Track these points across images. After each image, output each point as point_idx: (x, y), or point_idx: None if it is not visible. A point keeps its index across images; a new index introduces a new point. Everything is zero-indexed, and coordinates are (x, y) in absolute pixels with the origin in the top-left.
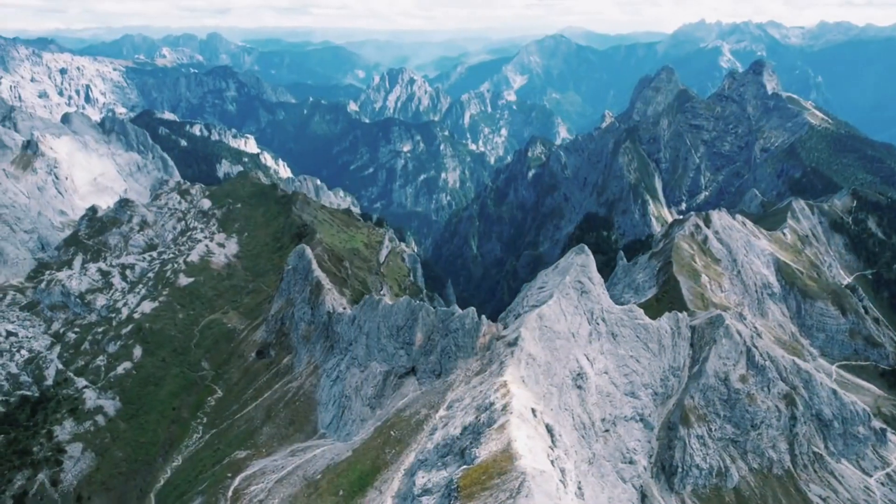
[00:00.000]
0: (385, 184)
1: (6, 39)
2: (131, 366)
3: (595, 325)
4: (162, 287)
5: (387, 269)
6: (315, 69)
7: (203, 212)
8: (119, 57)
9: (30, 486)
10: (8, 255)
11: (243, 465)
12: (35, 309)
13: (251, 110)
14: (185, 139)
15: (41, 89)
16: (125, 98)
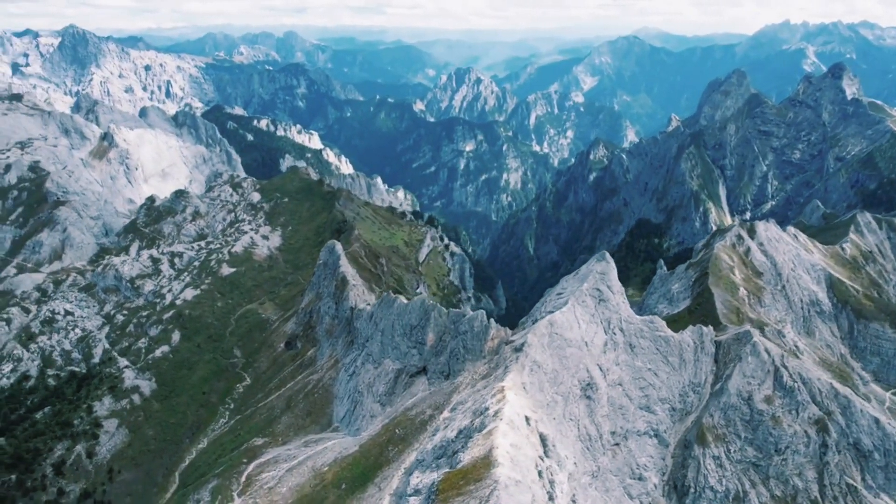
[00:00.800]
0: (446, 183)
1: (99, 38)
2: (169, 349)
3: (612, 334)
4: (205, 276)
5: (426, 267)
6: (386, 68)
7: (252, 205)
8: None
9: (68, 456)
10: (74, 239)
11: (259, 452)
12: (91, 291)
13: (320, 107)
14: (252, 134)
15: (127, 84)
16: (202, 93)
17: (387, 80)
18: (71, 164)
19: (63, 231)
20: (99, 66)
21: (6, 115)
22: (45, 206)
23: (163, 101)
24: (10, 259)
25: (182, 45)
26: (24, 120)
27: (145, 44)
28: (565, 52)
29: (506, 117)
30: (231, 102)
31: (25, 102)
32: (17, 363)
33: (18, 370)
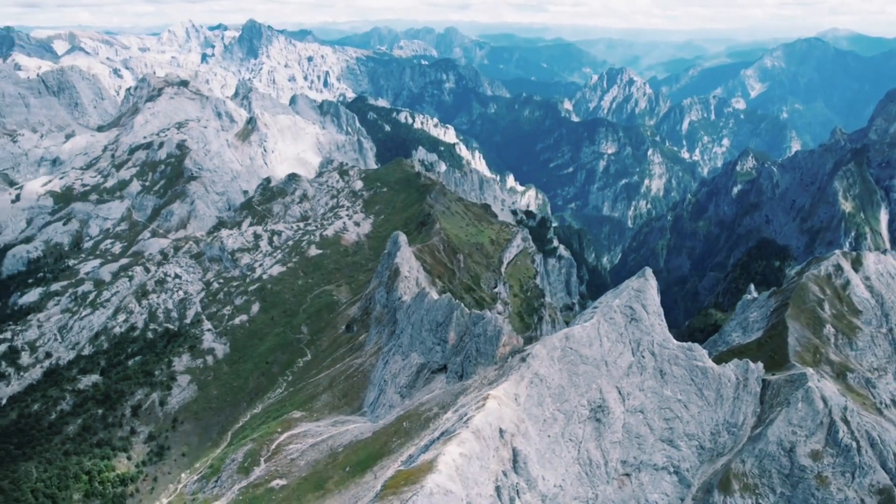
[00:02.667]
0: (583, 185)
1: (272, 31)
2: (247, 319)
3: (640, 357)
4: (294, 255)
5: (513, 268)
6: (542, 65)
7: (354, 192)
8: (366, 47)
9: (144, 402)
10: (198, 211)
11: (294, 424)
12: (199, 259)
13: (465, 102)
14: (390, 125)
15: (291, 74)
16: (356, 84)
17: (540, 78)
18: (216, 144)
19: (191, 203)
20: (268, 57)
21: (172, 99)
22: (180, 180)
23: (320, 90)
24: (148, 224)
25: (349, 39)
26: (187, 103)
27: (313, 37)
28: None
29: (656, 121)
30: (382, 94)
31: (190, 88)
32: (129, 315)
33: (129, 321)
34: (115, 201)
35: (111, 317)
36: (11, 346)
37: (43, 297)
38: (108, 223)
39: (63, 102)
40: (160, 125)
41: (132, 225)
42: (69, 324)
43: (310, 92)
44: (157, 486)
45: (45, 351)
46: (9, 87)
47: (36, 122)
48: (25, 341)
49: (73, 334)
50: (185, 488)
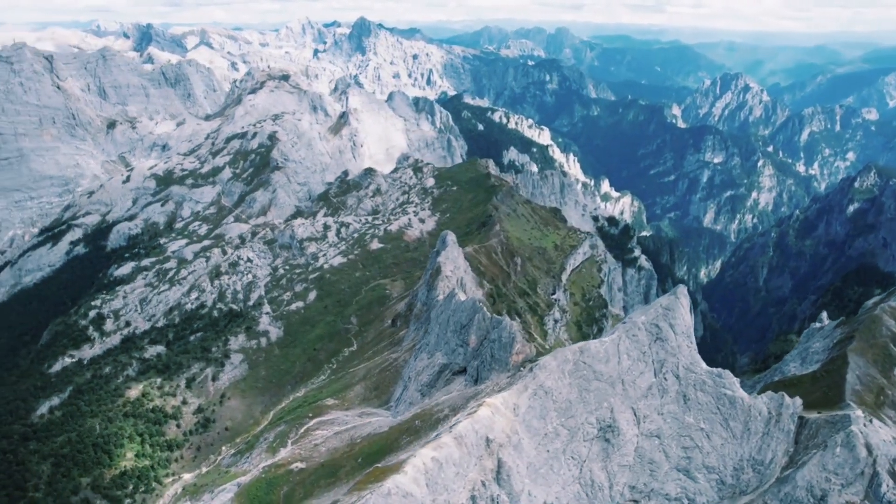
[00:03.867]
0: (684, 194)
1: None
2: (302, 305)
3: (662, 378)
4: (356, 247)
5: (577, 275)
6: (655, 68)
7: (425, 189)
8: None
9: (198, 375)
10: (279, 200)
11: (325, 411)
12: (272, 245)
13: (567, 104)
14: (484, 124)
15: (395, 71)
16: (459, 83)
17: (652, 82)
18: (308, 136)
19: (273, 192)
20: (375, 54)
21: (272, 92)
22: (266, 169)
23: (423, 87)
24: (233, 210)
25: (459, 38)
26: (285, 96)
27: (422, 35)
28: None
29: (771, 131)
30: (484, 93)
31: (290, 82)
32: (201, 293)
33: (200, 299)
34: (207, 186)
35: (185, 294)
36: (99, 312)
37: (134, 270)
38: (199, 206)
39: (178, 93)
40: (258, 116)
41: (220, 209)
42: (149, 297)
43: (412, 89)
44: (199, 455)
45: (126, 320)
46: (133, 78)
47: (153, 110)
48: (111, 310)
49: (151, 307)
50: (223, 460)
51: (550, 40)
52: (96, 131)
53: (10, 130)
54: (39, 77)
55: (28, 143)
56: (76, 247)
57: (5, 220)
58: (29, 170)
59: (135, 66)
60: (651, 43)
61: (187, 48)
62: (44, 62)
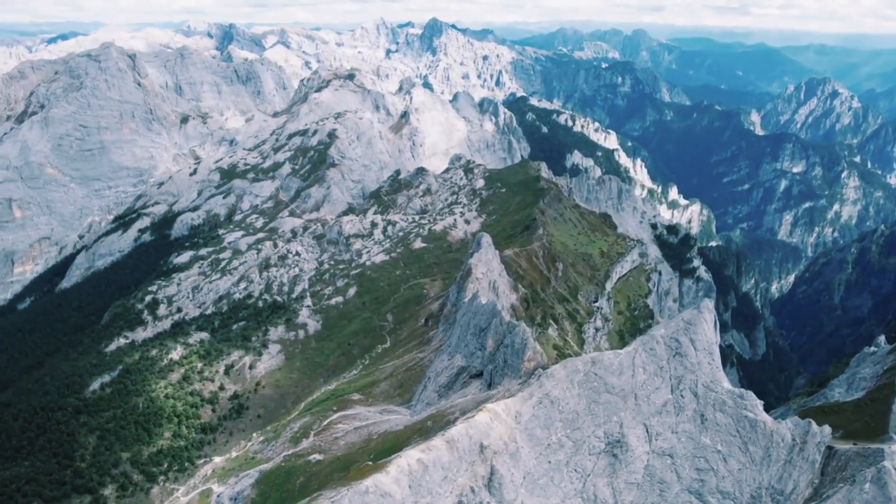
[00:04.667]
0: (758, 204)
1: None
2: (342, 300)
3: (679, 395)
4: (400, 245)
5: (623, 283)
6: (736, 73)
7: (474, 190)
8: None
9: (237, 363)
10: (332, 196)
11: (349, 405)
12: (321, 240)
13: (639, 108)
14: (548, 126)
15: (465, 72)
16: (528, 84)
17: (732, 86)
18: (368, 135)
19: (327, 188)
20: (445, 55)
21: (337, 91)
22: (323, 166)
23: (492, 88)
24: (289, 204)
25: (533, 39)
26: (349, 95)
27: (494, 36)
28: None
29: (860, 140)
30: (553, 95)
31: (355, 82)
32: (249, 284)
33: (248, 290)
34: (267, 181)
35: (235, 283)
36: (155, 298)
37: (192, 259)
38: (258, 200)
39: (249, 90)
40: (322, 114)
41: (277, 203)
42: (201, 285)
43: (481, 90)
44: (231, 439)
45: (178, 306)
46: (207, 75)
47: (224, 106)
48: (165, 295)
49: (202, 294)
50: (252, 447)
51: (627, 42)
52: (171, 125)
53: (94, 124)
54: (123, 74)
55: (109, 136)
56: (143, 234)
57: (85, 207)
58: (109, 161)
59: (209, 64)
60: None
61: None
62: (127, 60)
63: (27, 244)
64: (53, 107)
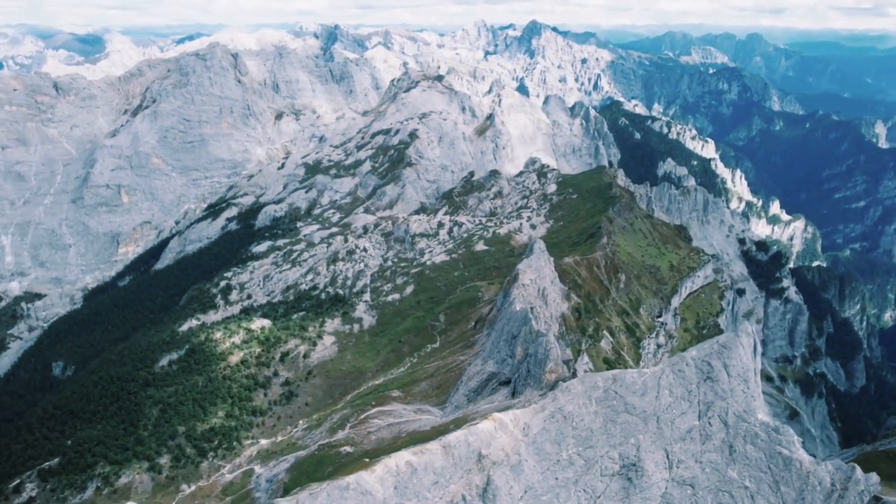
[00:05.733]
0: (875, 224)
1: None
2: (398, 298)
3: (706, 422)
4: (462, 247)
5: (693, 300)
6: (865, 80)
7: (545, 195)
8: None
9: (292, 351)
10: (406, 195)
11: (387, 401)
12: (388, 237)
13: (745, 116)
14: (641, 132)
15: (562, 75)
16: (628, 89)
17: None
18: (451, 136)
19: (402, 187)
20: (543, 57)
21: (424, 92)
22: (400, 165)
23: (589, 91)
24: (365, 201)
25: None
26: (436, 97)
27: (596, 39)
28: None
29: None
30: (653, 101)
31: (443, 83)
32: (316, 276)
33: (314, 282)
34: (347, 177)
35: (303, 275)
36: (228, 283)
37: (269, 249)
38: (338, 195)
39: (342, 89)
40: (408, 114)
41: (354, 200)
42: (272, 274)
43: (577, 94)
44: (278, 424)
45: (249, 293)
46: (303, 74)
47: (317, 104)
48: (239, 282)
49: (271, 283)
50: (296, 433)
51: (740, 47)
52: (266, 121)
53: (196, 118)
54: (225, 72)
55: (208, 130)
56: (230, 223)
57: (183, 195)
58: (207, 153)
59: (306, 64)
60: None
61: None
62: (230, 59)
63: (131, 227)
64: (162, 102)
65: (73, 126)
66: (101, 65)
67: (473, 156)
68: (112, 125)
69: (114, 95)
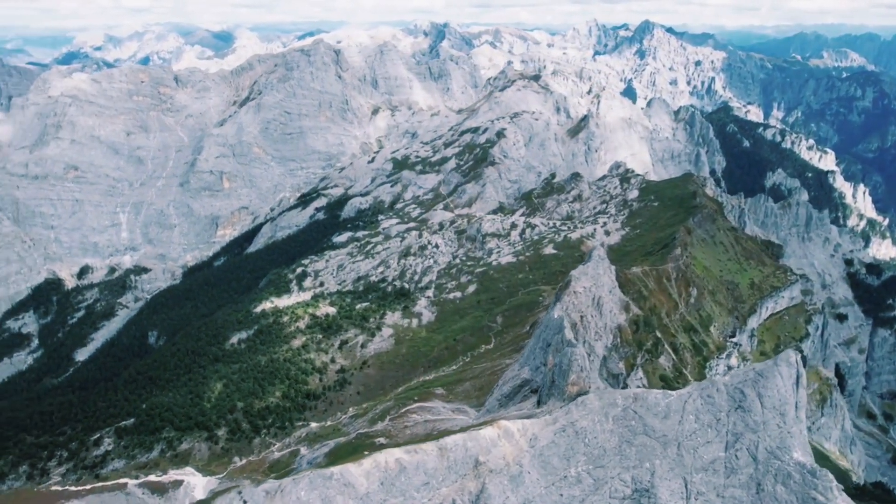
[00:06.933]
0: None
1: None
2: (460, 296)
3: (733, 455)
4: (530, 249)
5: (774, 322)
6: None
7: (625, 201)
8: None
9: (351, 340)
10: (486, 194)
11: (429, 397)
12: (461, 235)
13: (880, 125)
14: (751, 140)
15: (673, 77)
16: (744, 93)
17: None
18: (541, 136)
19: (482, 186)
20: (654, 58)
21: (519, 91)
22: (483, 164)
23: (702, 95)
24: (446, 198)
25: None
26: (531, 96)
27: (714, 40)
28: None
29: None
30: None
31: (540, 83)
32: (387, 269)
33: (384, 274)
34: (432, 174)
35: (374, 267)
36: (304, 270)
37: (349, 240)
38: (421, 191)
39: (439, 87)
40: (500, 113)
41: (436, 196)
42: (345, 264)
43: (688, 97)
44: (329, 409)
45: (321, 280)
46: (403, 71)
47: (412, 101)
48: (314, 269)
49: (344, 273)
50: (343, 419)
51: (884, 49)
52: (362, 116)
53: (296, 111)
54: (326, 68)
55: (307, 123)
56: (318, 213)
57: (279, 184)
58: (304, 144)
59: (406, 61)
60: None
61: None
62: (332, 55)
63: (230, 211)
64: (266, 94)
65: (188, 115)
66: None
67: (564, 157)
68: (221, 115)
69: (225, 88)
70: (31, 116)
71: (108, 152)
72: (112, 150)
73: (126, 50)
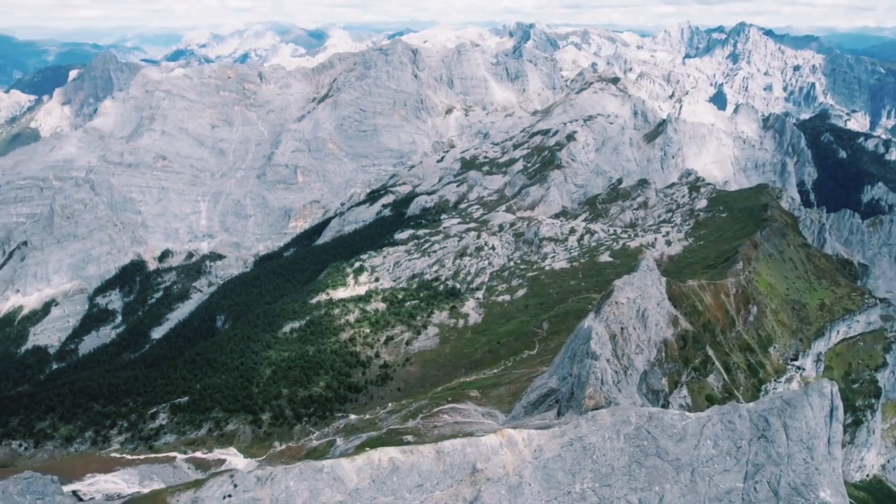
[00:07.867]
0: None
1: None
2: (508, 299)
3: (752, 487)
4: (585, 255)
5: (846, 347)
6: None
7: (692, 210)
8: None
9: (396, 336)
10: (549, 197)
11: (463, 399)
12: (519, 238)
13: None
14: (849, 151)
15: (768, 83)
16: (848, 101)
17: None
18: (616, 141)
19: (546, 189)
20: (748, 63)
21: (595, 94)
22: (550, 166)
23: (799, 102)
24: (510, 200)
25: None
26: (608, 99)
27: (819, 43)
28: None
29: None
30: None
31: (618, 86)
32: (441, 268)
33: (438, 273)
34: (498, 175)
35: (430, 265)
36: (362, 265)
37: (409, 237)
38: (486, 192)
39: (515, 88)
40: (574, 116)
41: (501, 197)
42: (401, 261)
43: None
44: (369, 402)
45: (377, 276)
46: (479, 71)
47: (487, 101)
48: (371, 265)
49: (400, 269)
50: (381, 414)
51: None
52: (436, 115)
53: (371, 109)
54: (403, 67)
55: (381, 121)
56: (385, 209)
57: (351, 180)
58: (377, 142)
59: (483, 62)
60: None
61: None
62: (409, 55)
63: (302, 204)
64: (343, 92)
65: (269, 111)
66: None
67: (638, 163)
68: (300, 111)
69: (307, 84)
70: (130, 109)
71: (193, 143)
72: (198, 141)
73: (227, 47)
